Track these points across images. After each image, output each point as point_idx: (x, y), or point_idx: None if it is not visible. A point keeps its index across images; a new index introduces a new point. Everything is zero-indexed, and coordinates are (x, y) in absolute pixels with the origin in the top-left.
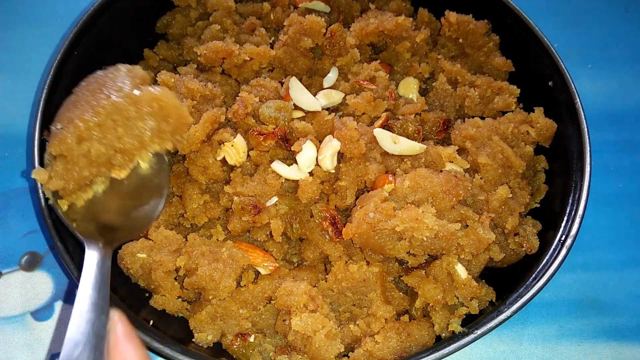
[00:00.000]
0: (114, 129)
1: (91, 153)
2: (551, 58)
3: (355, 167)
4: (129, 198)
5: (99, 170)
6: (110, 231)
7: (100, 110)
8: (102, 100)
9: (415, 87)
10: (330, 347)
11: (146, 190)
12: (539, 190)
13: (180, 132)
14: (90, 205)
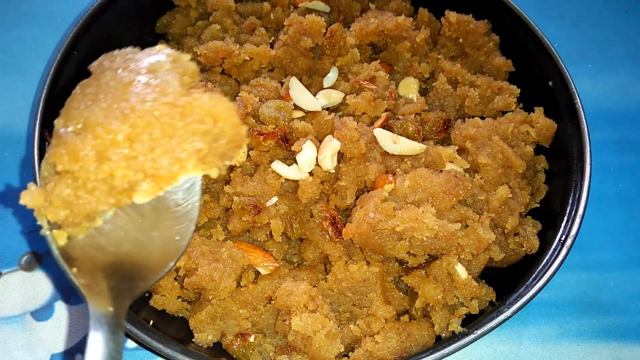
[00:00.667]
0: (150, 147)
1: (114, 178)
2: (551, 58)
3: (355, 167)
4: (148, 227)
5: (118, 201)
6: (122, 277)
7: (136, 120)
8: (137, 103)
9: (415, 87)
10: (330, 347)
11: (171, 215)
12: (539, 190)
13: (231, 156)
14: (95, 237)
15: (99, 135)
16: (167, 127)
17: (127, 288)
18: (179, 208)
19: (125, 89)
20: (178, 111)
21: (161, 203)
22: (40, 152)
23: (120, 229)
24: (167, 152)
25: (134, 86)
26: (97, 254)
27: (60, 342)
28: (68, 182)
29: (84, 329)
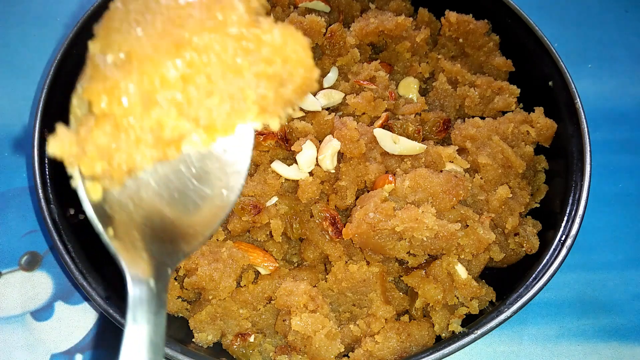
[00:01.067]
0: (207, 91)
1: (163, 128)
2: (551, 58)
3: (355, 167)
4: (193, 177)
5: (165, 153)
6: (163, 241)
7: (192, 56)
8: (194, 33)
9: (415, 87)
10: (330, 347)
11: (219, 165)
12: (539, 190)
13: (295, 104)
14: (133, 190)
15: (147, 73)
16: (228, 67)
17: (168, 253)
18: (228, 156)
19: (180, 11)
20: (243, 47)
21: (209, 149)
22: (40, 152)
23: (161, 179)
24: (226, 99)
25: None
26: (136, 211)
27: (60, 342)
28: (106, 128)
29: (84, 329)
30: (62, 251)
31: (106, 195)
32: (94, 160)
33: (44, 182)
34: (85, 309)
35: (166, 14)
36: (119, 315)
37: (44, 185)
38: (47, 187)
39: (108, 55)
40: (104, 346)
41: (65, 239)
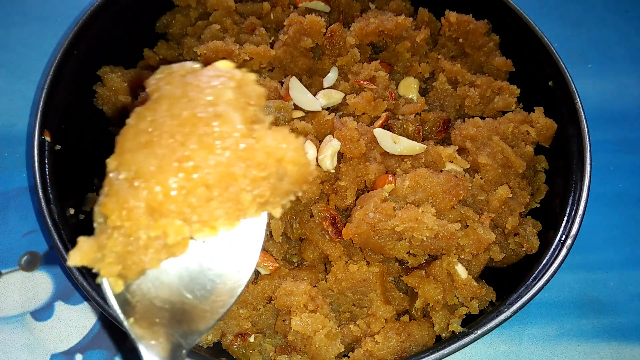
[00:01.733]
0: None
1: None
2: (551, 58)
3: (355, 167)
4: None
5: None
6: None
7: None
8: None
9: (415, 87)
10: (330, 347)
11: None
12: (539, 190)
13: (295, 192)
14: (151, 279)
15: (152, 190)
16: (224, 175)
17: (185, 334)
18: (239, 240)
19: (182, 128)
20: (239, 156)
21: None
22: (40, 152)
23: (178, 266)
24: (224, 202)
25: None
26: (156, 296)
27: (60, 342)
28: (120, 237)
29: (84, 329)
30: (62, 251)
31: (128, 284)
32: (112, 265)
33: (44, 182)
34: (85, 309)
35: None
36: None
37: (44, 185)
38: (47, 187)
39: (122, 173)
40: (104, 346)
41: (65, 239)
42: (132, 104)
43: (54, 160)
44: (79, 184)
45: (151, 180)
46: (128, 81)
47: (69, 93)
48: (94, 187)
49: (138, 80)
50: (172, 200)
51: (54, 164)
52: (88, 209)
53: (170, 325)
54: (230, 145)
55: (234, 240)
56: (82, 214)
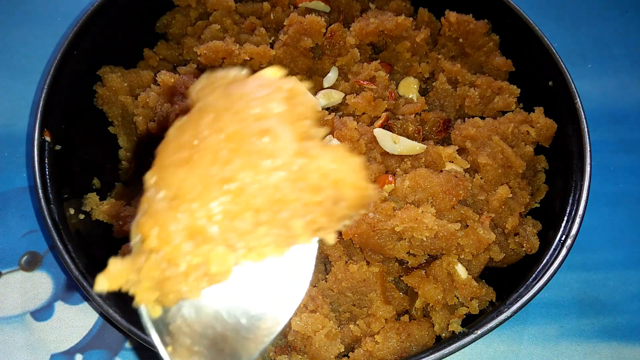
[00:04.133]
0: (253, 223)
1: (209, 261)
2: (551, 58)
3: None
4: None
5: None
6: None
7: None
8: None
9: (415, 87)
10: (330, 347)
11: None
12: (539, 190)
13: (349, 218)
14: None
15: (193, 214)
16: (275, 200)
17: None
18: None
19: (227, 144)
20: (290, 178)
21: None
22: (40, 152)
23: (219, 292)
24: (273, 228)
25: (238, 140)
26: (194, 324)
27: (60, 342)
28: (157, 262)
29: (84, 329)
30: (62, 251)
31: (165, 311)
32: (149, 291)
33: (44, 182)
34: (85, 309)
35: (214, 147)
36: (119, 315)
37: (44, 185)
38: (47, 187)
39: (161, 191)
40: (104, 346)
41: (65, 239)
42: (133, 103)
43: (54, 160)
44: (79, 184)
45: (192, 202)
46: (128, 81)
47: (69, 93)
48: (93, 187)
49: (138, 80)
50: (215, 225)
51: (54, 164)
52: (88, 209)
53: (210, 355)
54: (280, 166)
55: (282, 266)
56: (82, 214)
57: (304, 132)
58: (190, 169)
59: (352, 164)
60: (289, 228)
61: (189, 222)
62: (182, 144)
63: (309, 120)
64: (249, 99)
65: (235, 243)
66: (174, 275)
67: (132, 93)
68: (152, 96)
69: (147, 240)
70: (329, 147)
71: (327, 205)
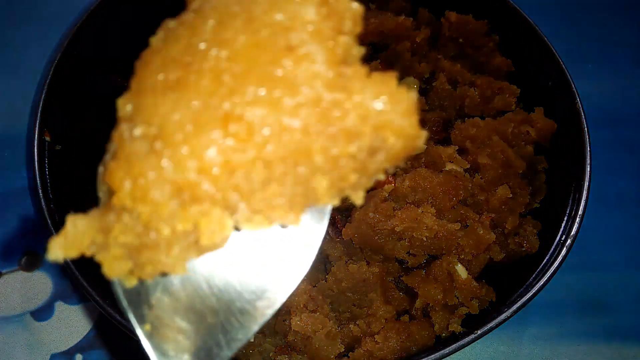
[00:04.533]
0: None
1: (203, 231)
2: (551, 58)
3: None
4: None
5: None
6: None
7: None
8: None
9: (415, 87)
10: (330, 347)
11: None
12: (539, 190)
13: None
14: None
15: (182, 162)
16: (296, 148)
17: (219, 345)
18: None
19: (235, 64)
20: (319, 118)
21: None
22: (40, 152)
23: (211, 259)
24: (289, 187)
25: (251, 60)
26: (179, 296)
27: (60, 342)
28: (132, 223)
29: (84, 329)
30: None
31: (142, 282)
32: (119, 260)
33: (44, 182)
34: (85, 309)
35: (215, 66)
36: (118, 315)
37: (44, 185)
38: (47, 187)
39: (138, 126)
40: (104, 346)
41: None
42: None
43: (54, 160)
44: (79, 184)
45: (181, 146)
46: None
47: (69, 93)
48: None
49: None
50: (211, 180)
51: (54, 164)
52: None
53: (199, 334)
54: (307, 101)
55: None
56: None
57: (342, 54)
58: (180, 98)
59: (404, 103)
60: (310, 187)
61: (176, 174)
62: (171, 59)
63: (349, 37)
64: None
65: (237, 204)
66: (152, 242)
67: None
68: None
69: (118, 194)
70: (374, 77)
71: (361, 157)
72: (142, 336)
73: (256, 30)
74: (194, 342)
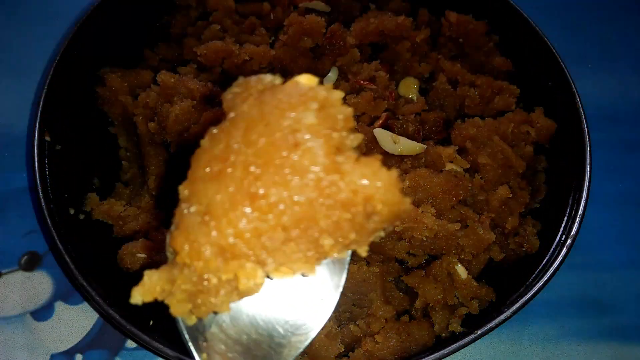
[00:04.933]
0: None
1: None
2: (551, 58)
3: None
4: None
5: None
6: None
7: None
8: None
9: (415, 87)
10: (330, 347)
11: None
12: (539, 190)
13: (382, 230)
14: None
15: (223, 230)
16: (304, 217)
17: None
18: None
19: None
20: (320, 195)
21: None
22: (40, 152)
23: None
24: (303, 245)
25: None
26: (229, 331)
27: (60, 342)
28: (190, 276)
29: (84, 329)
30: (62, 251)
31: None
32: (182, 303)
33: (44, 182)
34: (85, 309)
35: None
36: (118, 315)
37: (44, 185)
38: (47, 187)
39: (193, 205)
40: (104, 346)
41: (65, 239)
42: (133, 103)
43: (54, 160)
44: (79, 184)
45: (222, 218)
46: (128, 81)
47: (69, 93)
48: (93, 187)
49: (138, 80)
50: (244, 242)
51: (54, 164)
52: (88, 209)
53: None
54: (310, 182)
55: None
56: (82, 214)
57: (337, 144)
58: (221, 184)
59: (386, 179)
60: (319, 245)
61: (219, 239)
62: (215, 156)
63: (344, 132)
64: (281, 109)
65: (265, 259)
66: (205, 288)
67: (132, 93)
68: (152, 96)
69: (180, 254)
70: (362, 161)
71: (358, 221)
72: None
73: (272, 132)
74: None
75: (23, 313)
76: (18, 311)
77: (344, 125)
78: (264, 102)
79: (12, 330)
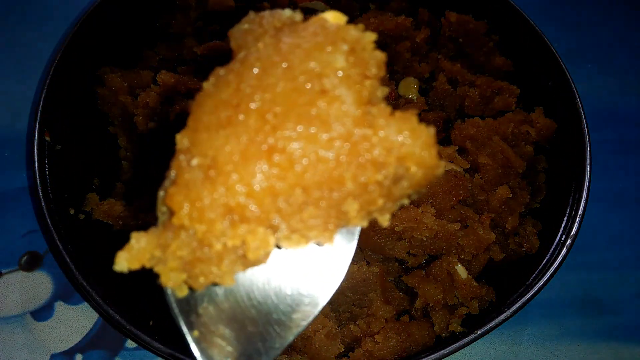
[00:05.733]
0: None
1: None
2: (551, 58)
3: None
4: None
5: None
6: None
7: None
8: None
9: (415, 87)
10: (330, 347)
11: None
12: (539, 190)
13: (407, 197)
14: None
15: (232, 188)
16: (329, 177)
17: (258, 352)
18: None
19: (276, 106)
20: (349, 151)
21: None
22: (40, 152)
23: (252, 274)
24: (324, 209)
25: (290, 102)
26: (224, 307)
27: (60, 342)
28: (188, 240)
29: (84, 329)
30: (62, 251)
31: (192, 291)
32: (175, 272)
33: (44, 182)
34: (85, 309)
35: (260, 107)
36: (118, 315)
37: (44, 185)
38: (47, 187)
39: (195, 158)
40: (104, 346)
41: (65, 239)
42: (133, 103)
43: (54, 160)
44: (79, 184)
45: (232, 174)
46: (128, 81)
47: (69, 93)
48: (93, 187)
49: (138, 80)
50: (257, 203)
51: (54, 164)
52: (88, 209)
53: (241, 342)
54: (338, 136)
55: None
56: (82, 214)
57: (368, 95)
58: (230, 134)
59: (424, 137)
60: (342, 210)
61: (227, 198)
62: (222, 102)
63: (375, 80)
64: (304, 50)
65: (278, 224)
66: (205, 256)
67: (132, 93)
68: (152, 96)
69: (177, 215)
70: (397, 115)
71: (387, 184)
72: (191, 341)
73: (294, 76)
74: (236, 349)
75: (23, 313)
76: (18, 311)
77: (376, 72)
78: (282, 42)
79: (12, 330)
